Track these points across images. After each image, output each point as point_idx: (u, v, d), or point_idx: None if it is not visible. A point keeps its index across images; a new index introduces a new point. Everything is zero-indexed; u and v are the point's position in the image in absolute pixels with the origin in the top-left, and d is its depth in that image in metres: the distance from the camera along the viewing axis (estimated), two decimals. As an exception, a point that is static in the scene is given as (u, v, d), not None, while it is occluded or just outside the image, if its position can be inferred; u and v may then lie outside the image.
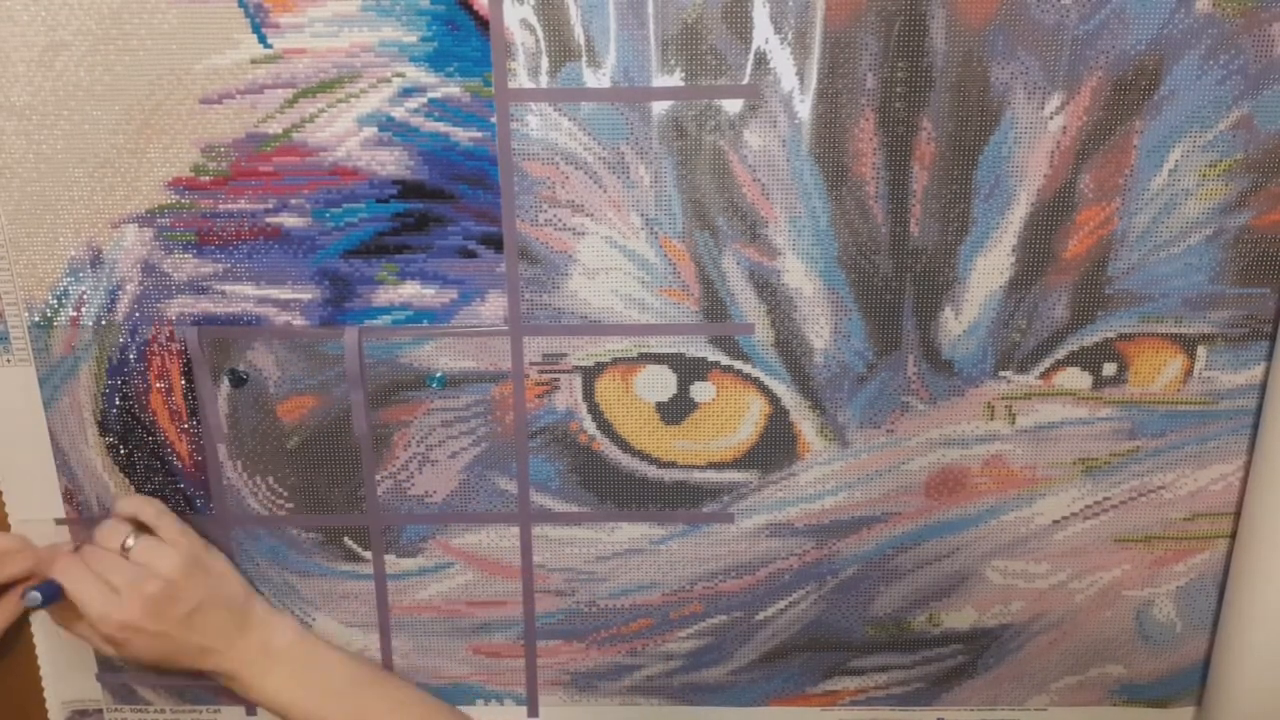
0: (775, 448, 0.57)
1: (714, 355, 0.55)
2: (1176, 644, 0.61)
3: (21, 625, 0.62)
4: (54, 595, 0.52)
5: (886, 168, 0.51)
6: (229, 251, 0.54)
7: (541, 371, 0.56)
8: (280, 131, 0.51)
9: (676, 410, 0.56)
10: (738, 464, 0.57)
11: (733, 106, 0.50)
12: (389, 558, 0.60)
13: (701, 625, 0.61)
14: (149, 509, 0.55)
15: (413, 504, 0.58)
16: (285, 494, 0.58)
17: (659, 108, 0.50)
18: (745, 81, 0.50)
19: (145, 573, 0.52)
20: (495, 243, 0.53)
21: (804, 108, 0.50)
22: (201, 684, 0.63)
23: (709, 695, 0.63)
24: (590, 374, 0.56)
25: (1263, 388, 0.55)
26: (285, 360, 0.56)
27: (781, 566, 0.60)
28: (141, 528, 0.55)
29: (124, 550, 0.53)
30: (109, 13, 0.49)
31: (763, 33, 0.49)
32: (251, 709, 0.64)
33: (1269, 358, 0.55)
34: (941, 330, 0.54)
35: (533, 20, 0.49)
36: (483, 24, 0.49)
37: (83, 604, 0.51)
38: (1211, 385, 0.55)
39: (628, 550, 0.60)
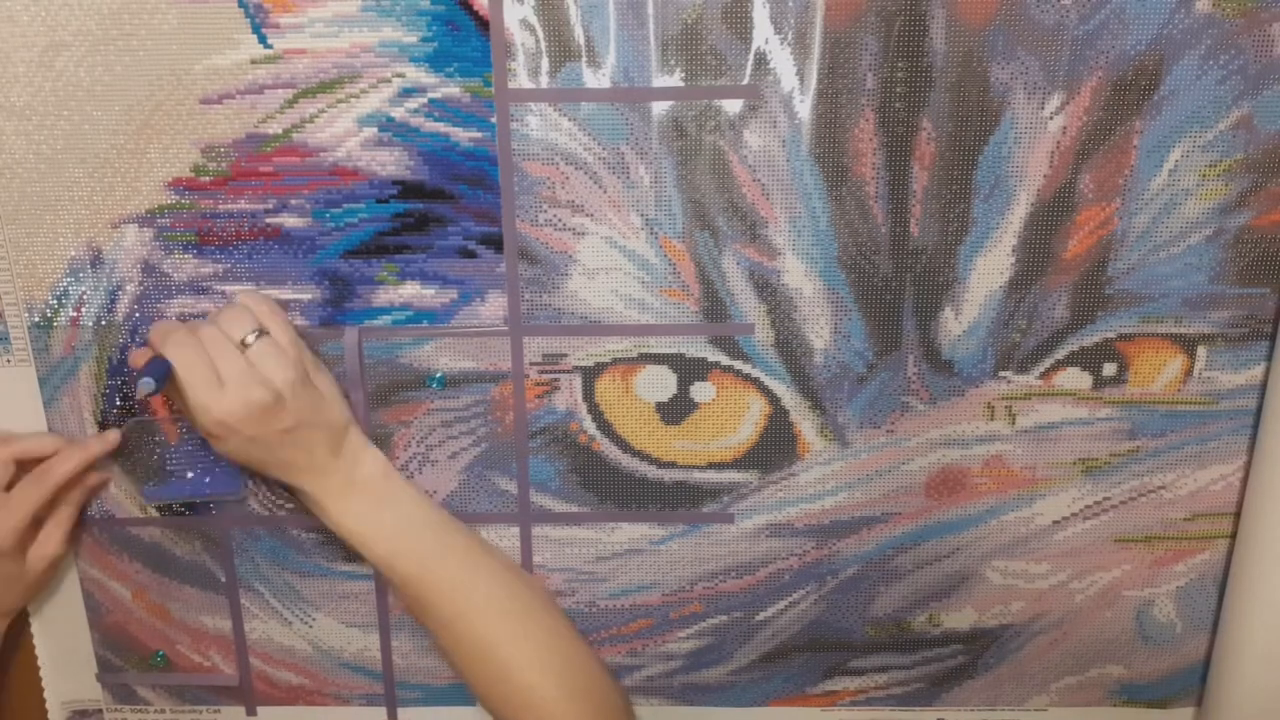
0: (775, 448, 0.57)
1: (714, 355, 0.55)
2: (1176, 644, 0.61)
3: (22, 625, 0.62)
4: (165, 377, 0.49)
5: (886, 168, 0.51)
6: (229, 252, 0.54)
7: (541, 372, 0.56)
8: (280, 132, 0.51)
9: (676, 410, 0.56)
10: (738, 464, 0.57)
11: (733, 107, 0.50)
12: (389, 558, 0.60)
13: (701, 625, 0.61)
14: (276, 316, 0.52)
15: (413, 504, 0.58)
16: (285, 494, 0.58)
17: (659, 108, 0.50)
18: (745, 82, 0.50)
19: (257, 376, 0.49)
20: (495, 243, 0.53)
21: (804, 108, 0.50)
22: (201, 684, 0.63)
23: (709, 695, 0.63)
24: (590, 374, 0.56)
25: (1263, 388, 0.55)
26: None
27: (781, 567, 0.60)
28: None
29: (243, 345, 0.50)
30: (109, 13, 0.49)
31: (763, 33, 0.49)
32: (252, 709, 0.64)
33: (1269, 358, 0.55)
34: (941, 330, 0.54)
35: (533, 20, 0.49)
36: (483, 24, 0.49)
37: (187, 388, 0.49)
38: (1211, 385, 0.55)
39: (628, 550, 0.60)
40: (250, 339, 0.50)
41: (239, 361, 0.49)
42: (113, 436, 0.56)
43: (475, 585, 0.54)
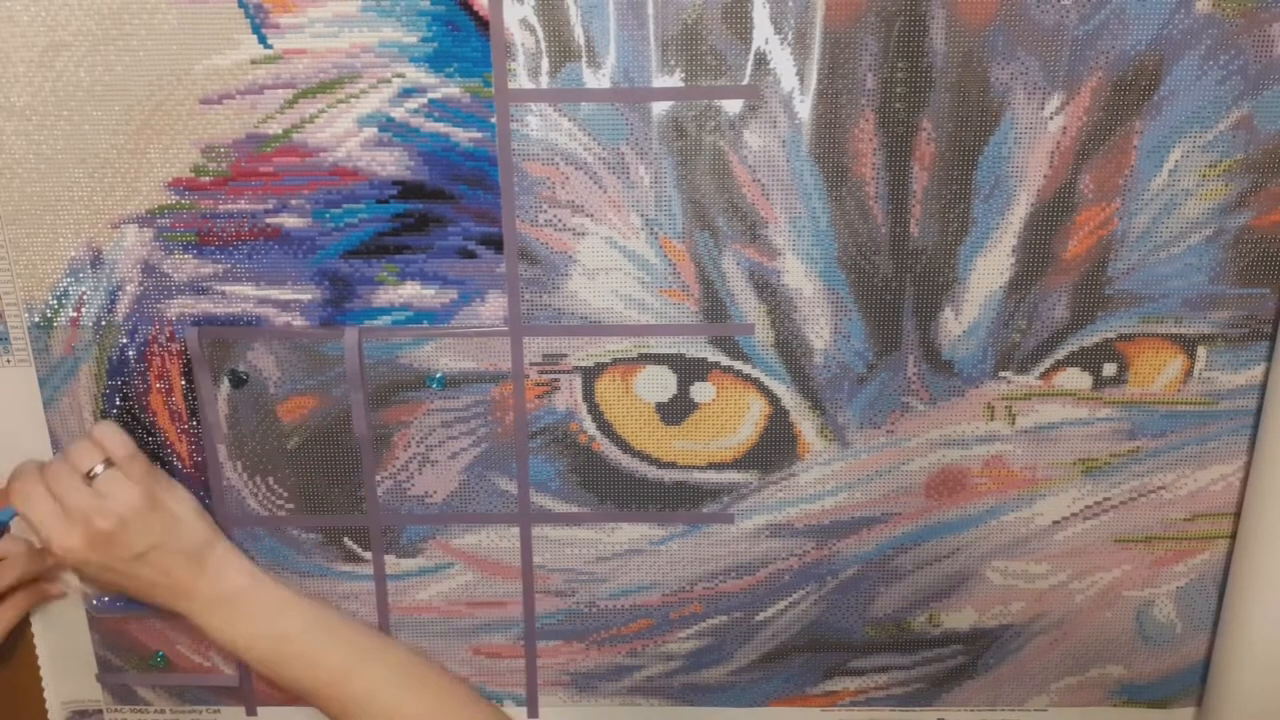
0: (775, 448, 0.57)
1: (714, 356, 0.55)
2: (1176, 644, 0.61)
3: (22, 625, 0.62)
4: (8, 518, 0.52)
5: (886, 168, 0.51)
6: (229, 252, 0.54)
7: (541, 372, 0.56)
8: (280, 132, 0.51)
9: (676, 410, 0.56)
10: (738, 464, 0.57)
11: (733, 107, 0.50)
12: (389, 558, 0.60)
13: (701, 626, 0.61)
14: (121, 448, 0.53)
15: (413, 504, 0.58)
16: (285, 494, 0.58)
17: (659, 108, 0.50)
18: (745, 82, 0.50)
19: (101, 506, 0.51)
20: (495, 243, 0.53)
21: (804, 108, 0.50)
22: (202, 684, 0.63)
23: (709, 696, 0.63)
24: (590, 374, 0.56)
25: (1263, 388, 0.55)
26: (285, 361, 0.56)
27: (781, 567, 0.60)
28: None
29: (89, 477, 0.52)
30: (109, 13, 0.49)
31: (763, 33, 0.49)
32: (252, 709, 0.64)
33: (1269, 358, 0.55)
34: (941, 331, 0.54)
35: (533, 20, 0.49)
36: (483, 24, 0.49)
37: (34, 525, 0.51)
38: (1211, 385, 0.55)
39: (628, 551, 0.60)
40: (98, 469, 0.52)
41: (83, 493, 0.51)
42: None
43: (368, 674, 0.54)
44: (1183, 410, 0.56)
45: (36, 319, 0.55)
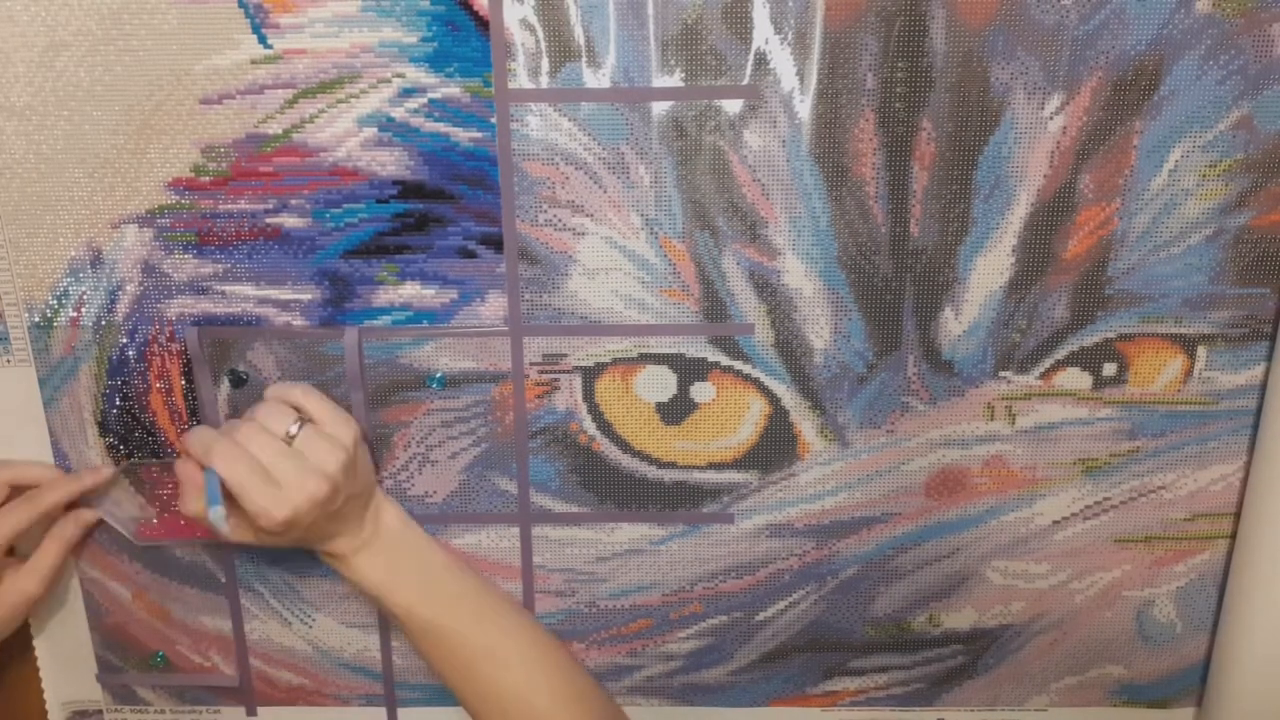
0: (775, 448, 0.57)
1: (714, 355, 0.55)
2: (1176, 644, 0.61)
3: (21, 626, 0.62)
4: (216, 488, 0.47)
5: (886, 168, 0.51)
6: (229, 252, 0.54)
7: (541, 372, 0.56)
8: (280, 132, 0.51)
9: (676, 410, 0.56)
10: (738, 464, 0.57)
11: (733, 107, 0.50)
12: (389, 558, 0.60)
13: (701, 626, 0.61)
14: (311, 398, 0.51)
15: (413, 504, 0.58)
16: (285, 494, 0.58)
17: (659, 108, 0.50)
18: (745, 82, 0.50)
19: (310, 469, 0.48)
20: (495, 243, 0.53)
21: (804, 108, 0.50)
22: (201, 685, 0.63)
23: (709, 696, 0.63)
24: (590, 374, 0.56)
25: (1263, 388, 0.55)
26: (285, 361, 0.56)
27: (781, 567, 0.60)
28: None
29: (288, 438, 0.49)
30: (109, 13, 0.49)
31: (763, 33, 0.49)
32: (252, 709, 0.64)
33: (1269, 358, 0.55)
34: (941, 331, 0.54)
35: (533, 20, 0.49)
36: (483, 24, 0.49)
37: (243, 498, 0.47)
38: (1211, 385, 0.55)
39: (628, 551, 0.60)
40: (294, 429, 0.49)
41: (289, 458, 0.48)
42: (105, 471, 0.56)
43: (496, 626, 0.54)
44: (1183, 410, 0.56)
45: (36, 319, 0.55)
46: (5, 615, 0.55)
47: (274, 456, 0.48)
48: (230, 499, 0.48)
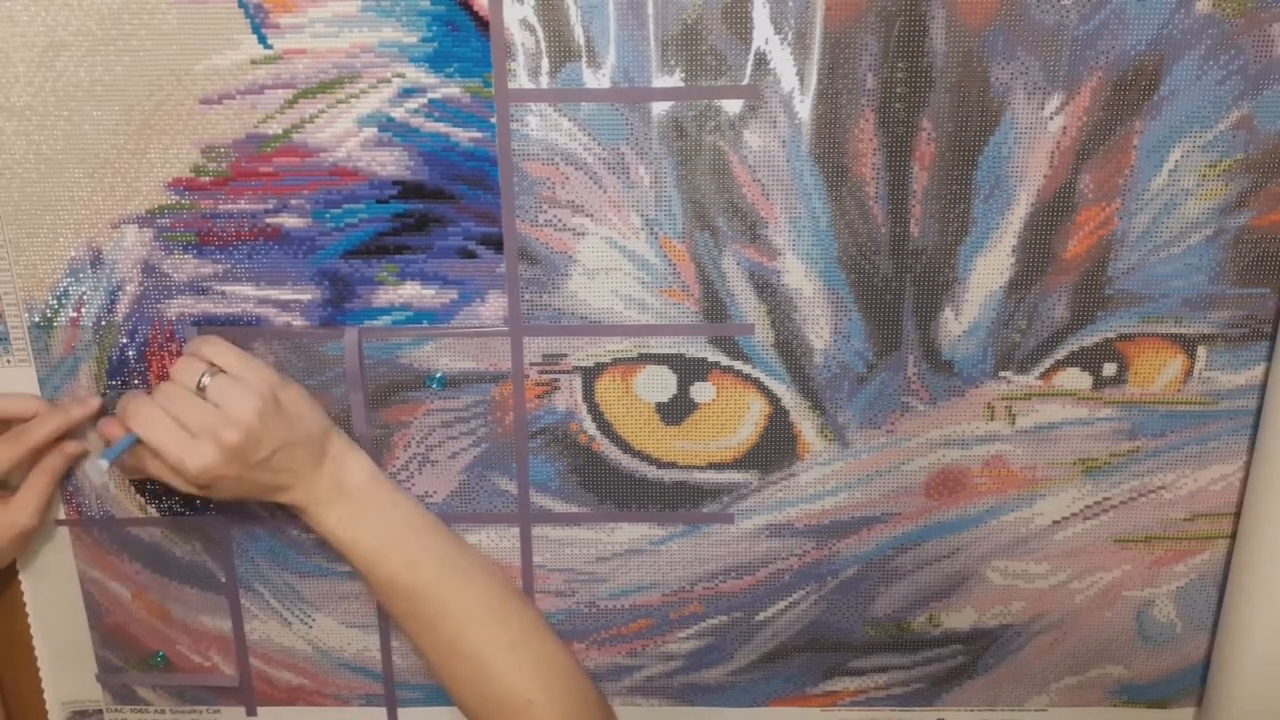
0: (775, 448, 0.57)
1: (714, 356, 0.55)
2: (1176, 644, 0.61)
3: (21, 625, 0.62)
4: (125, 447, 0.49)
5: (886, 168, 0.51)
6: (229, 252, 0.54)
7: (541, 372, 0.56)
8: (280, 132, 0.51)
9: (676, 411, 0.56)
10: (738, 464, 0.57)
11: (733, 107, 0.50)
12: (389, 558, 0.60)
13: (701, 626, 0.61)
14: (225, 353, 0.52)
15: (413, 504, 0.58)
16: (285, 494, 0.58)
17: (659, 108, 0.50)
18: (745, 82, 0.50)
19: (224, 418, 0.49)
20: (495, 243, 0.53)
21: (804, 108, 0.50)
22: (201, 684, 0.63)
23: (709, 696, 0.63)
24: (590, 374, 0.56)
25: (1263, 388, 0.55)
26: (285, 361, 0.56)
27: (781, 567, 0.60)
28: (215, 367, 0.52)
29: (199, 390, 0.50)
30: (109, 13, 0.49)
31: (763, 33, 0.49)
32: (252, 709, 0.64)
33: (1269, 358, 0.55)
34: (941, 331, 0.54)
35: (533, 20, 0.49)
36: (483, 24, 0.49)
37: (161, 453, 0.49)
38: (1211, 385, 0.55)
39: (628, 551, 0.60)
40: (205, 380, 0.50)
41: (202, 409, 0.49)
42: (93, 403, 0.55)
43: (458, 587, 0.54)
44: (1183, 410, 0.56)
45: (36, 319, 0.55)
46: (3, 544, 0.55)
47: (184, 409, 0.49)
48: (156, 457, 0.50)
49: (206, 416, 0.49)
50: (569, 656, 0.54)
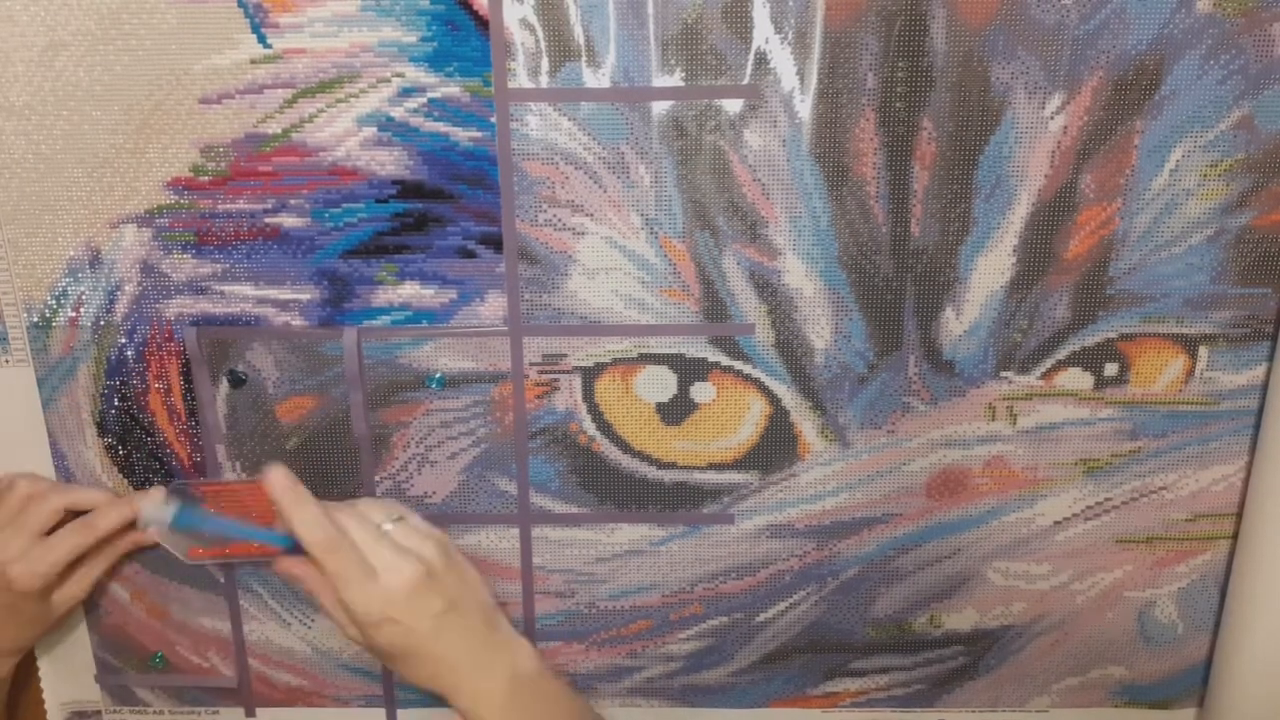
0: (776, 448, 0.57)
1: (714, 356, 0.55)
2: (1178, 645, 0.61)
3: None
4: (295, 551, 0.48)
5: (887, 168, 0.51)
6: (228, 252, 0.54)
7: (541, 372, 0.56)
8: (279, 131, 0.51)
9: (676, 411, 0.56)
10: (738, 465, 0.57)
11: (733, 106, 0.50)
12: (388, 559, 0.60)
13: (702, 627, 0.61)
14: (403, 507, 0.51)
15: (412, 505, 0.58)
16: (284, 495, 0.58)
17: (659, 108, 0.50)
18: (745, 81, 0.50)
19: (407, 556, 0.47)
20: (495, 243, 0.53)
21: (804, 108, 0.50)
22: (201, 685, 0.63)
23: (709, 697, 0.63)
24: (590, 374, 0.56)
25: (1264, 388, 0.55)
26: (284, 361, 0.55)
27: (782, 568, 0.60)
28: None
29: (380, 531, 0.49)
30: (109, 13, 0.49)
31: (763, 33, 0.49)
32: (251, 710, 0.64)
33: (1270, 358, 0.54)
34: (942, 331, 0.54)
35: (533, 20, 0.49)
36: (482, 24, 0.49)
37: (341, 582, 0.46)
38: (1213, 386, 0.55)
39: (628, 551, 0.59)
40: (388, 526, 0.49)
41: (385, 544, 0.48)
42: (156, 493, 0.56)
43: None
44: (1184, 410, 0.56)
45: (35, 319, 0.55)
46: (49, 620, 0.57)
47: (370, 543, 0.48)
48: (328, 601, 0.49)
49: (388, 551, 0.47)
50: None
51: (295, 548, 0.48)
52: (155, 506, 0.52)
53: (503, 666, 0.49)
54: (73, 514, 0.56)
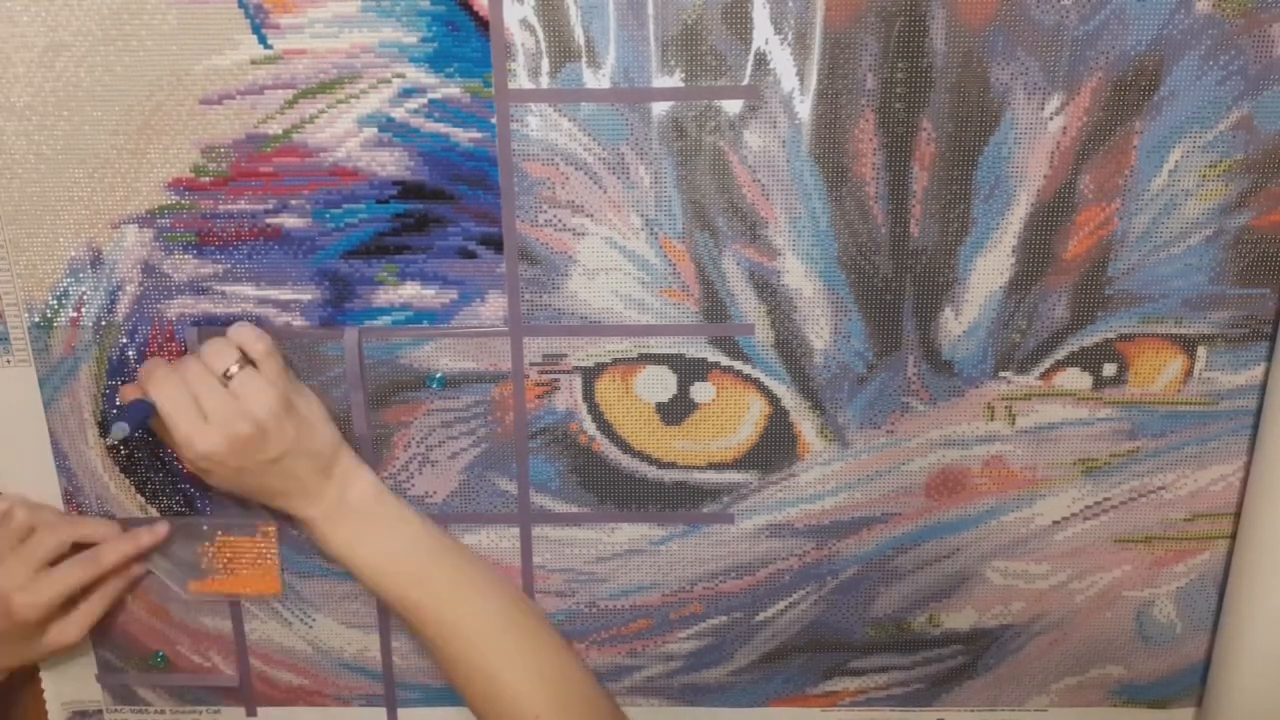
0: (775, 448, 0.57)
1: (714, 356, 0.55)
2: (1176, 645, 0.61)
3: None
4: (143, 419, 0.50)
5: (886, 168, 0.51)
6: (229, 252, 0.54)
7: (541, 372, 0.56)
8: (280, 132, 0.51)
9: (676, 411, 0.56)
10: (738, 464, 0.57)
11: (733, 107, 0.50)
12: (389, 558, 0.60)
13: (701, 626, 0.61)
14: (260, 344, 0.52)
15: (413, 505, 0.58)
16: (285, 494, 0.58)
17: (659, 108, 0.50)
18: (745, 82, 0.50)
19: (239, 409, 0.49)
20: (495, 243, 0.53)
21: (804, 108, 0.50)
22: (201, 684, 0.63)
23: (709, 696, 0.63)
24: (590, 374, 0.56)
25: (1263, 388, 0.55)
26: (285, 361, 0.55)
27: (781, 567, 0.60)
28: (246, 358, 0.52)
29: (225, 377, 0.50)
30: (109, 13, 0.49)
31: (763, 33, 0.49)
32: (252, 709, 0.64)
33: (1269, 358, 0.55)
34: (942, 331, 0.54)
35: (533, 21, 0.49)
36: (483, 24, 0.49)
37: (170, 425, 0.50)
38: (1211, 386, 0.55)
39: (628, 551, 0.60)
40: (233, 369, 0.50)
41: (221, 395, 0.50)
42: (161, 529, 0.57)
43: (467, 604, 0.54)
44: (1183, 410, 0.56)
45: (36, 319, 0.55)
46: (38, 656, 0.57)
47: (205, 392, 0.50)
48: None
49: (223, 404, 0.50)
50: (580, 669, 0.55)
51: (132, 430, 0.50)
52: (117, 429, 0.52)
53: (333, 494, 0.53)
54: (78, 546, 0.56)
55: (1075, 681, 0.62)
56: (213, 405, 0.49)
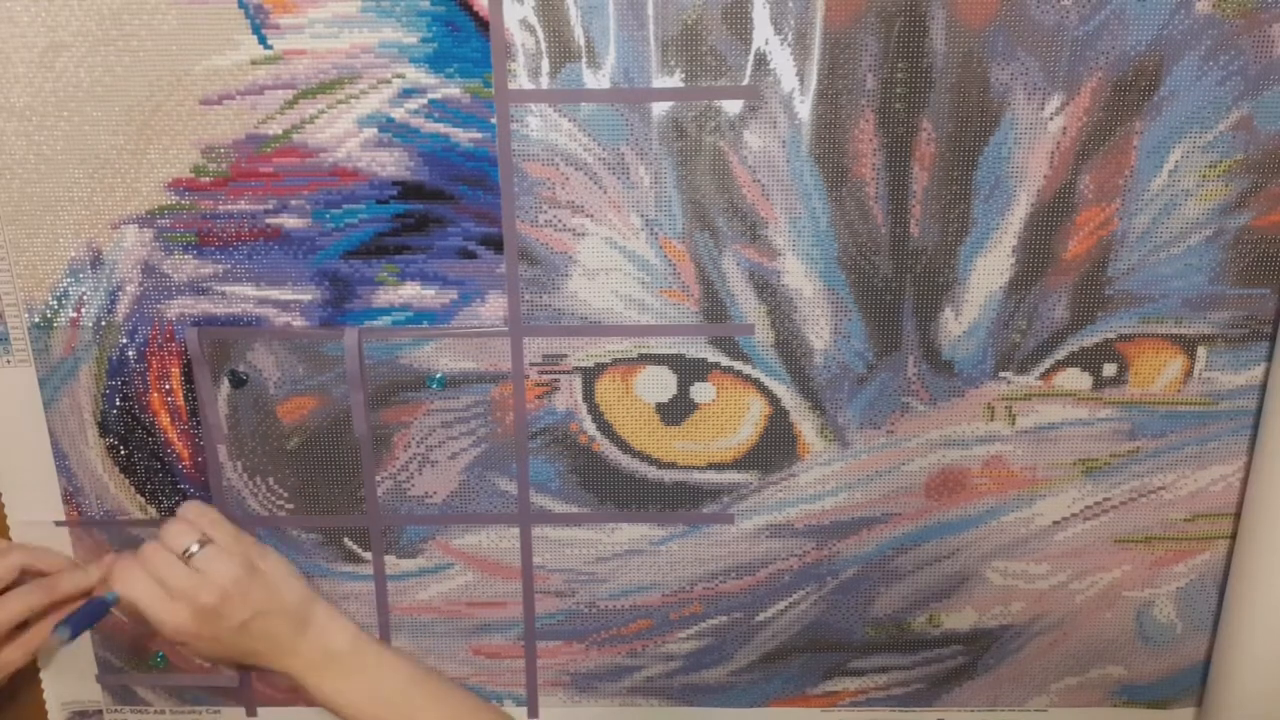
0: (775, 448, 0.57)
1: (714, 356, 0.55)
2: (1176, 645, 0.61)
3: (22, 626, 0.61)
4: (96, 616, 0.51)
5: (886, 168, 0.51)
6: (229, 252, 0.54)
7: (541, 372, 0.56)
8: (280, 132, 0.51)
9: (676, 411, 0.56)
10: (738, 465, 0.57)
11: (733, 107, 0.50)
12: (389, 559, 0.60)
13: (701, 626, 0.61)
14: (205, 517, 0.54)
15: (413, 505, 0.58)
16: (285, 495, 0.58)
17: (659, 108, 0.50)
18: (745, 82, 0.50)
19: (201, 582, 0.51)
20: (495, 243, 0.53)
21: (804, 108, 0.50)
22: (201, 685, 0.63)
23: (709, 696, 0.63)
24: (590, 375, 0.56)
25: (1263, 388, 0.55)
26: (285, 361, 0.56)
27: (781, 567, 0.60)
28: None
29: (186, 555, 0.52)
30: (109, 14, 0.49)
31: (763, 33, 0.49)
32: (252, 709, 0.64)
33: (1269, 358, 0.55)
34: (941, 331, 0.54)
35: (533, 21, 0.49)
36: (483, 25, 0.49)
37: (141, 609, 0.51)
38: (1211, 386, 0.55)
39: (628, 551, 0.60)
40: (194, 548, 0.52)
41: (182, 572, 0.51)
42: (110, 561, 0.56)
43: None
44: (1183, 410, 0.56)
45: (36, 319, 0.55)
46: None
47: (167, 571, 0.51)
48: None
49: (185, 580, 0.51)
50: None
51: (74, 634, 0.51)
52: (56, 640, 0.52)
53: (316, 648, 0.53)
54: (29, 573, 0.55)
55: (1075, 682, 0.62)
56: (175, 583, 0.51)
